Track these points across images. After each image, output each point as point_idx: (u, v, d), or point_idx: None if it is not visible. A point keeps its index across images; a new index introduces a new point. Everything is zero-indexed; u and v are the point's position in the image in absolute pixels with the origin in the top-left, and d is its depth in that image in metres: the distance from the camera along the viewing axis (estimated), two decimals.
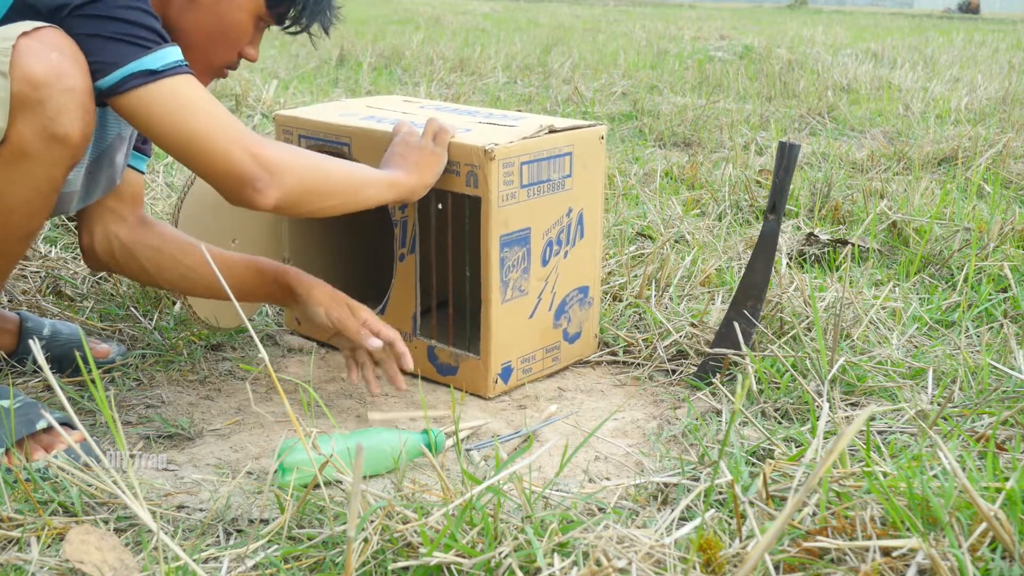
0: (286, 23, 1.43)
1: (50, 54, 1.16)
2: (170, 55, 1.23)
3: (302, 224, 1.78)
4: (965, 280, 2.00)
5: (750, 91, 5.07)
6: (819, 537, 1.00)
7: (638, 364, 1.72)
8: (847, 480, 1.11)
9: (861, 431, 1.31)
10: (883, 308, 1.84)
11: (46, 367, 0.89)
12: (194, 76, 1.26)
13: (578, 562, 0.98)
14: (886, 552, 0.97)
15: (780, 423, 1.43)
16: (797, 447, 1.32)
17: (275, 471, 1.23)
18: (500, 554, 0.98)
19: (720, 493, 1.18)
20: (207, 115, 1.24)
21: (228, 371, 1.66)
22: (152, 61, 1.21)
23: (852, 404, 1.48)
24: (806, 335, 1.67)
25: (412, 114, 1.72)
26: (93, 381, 1.49)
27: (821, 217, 2.58)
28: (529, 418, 1.52)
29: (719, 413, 1.50)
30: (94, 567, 1.01)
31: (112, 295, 1.89)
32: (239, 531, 1.15)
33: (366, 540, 1.03)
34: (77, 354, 1.58)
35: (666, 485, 1.24)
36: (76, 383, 1.55)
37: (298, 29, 1.44)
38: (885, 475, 1.11)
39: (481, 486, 1.04)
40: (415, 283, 1.63)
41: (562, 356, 1.69)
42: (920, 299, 1.96)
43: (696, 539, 1.00)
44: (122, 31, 1.20)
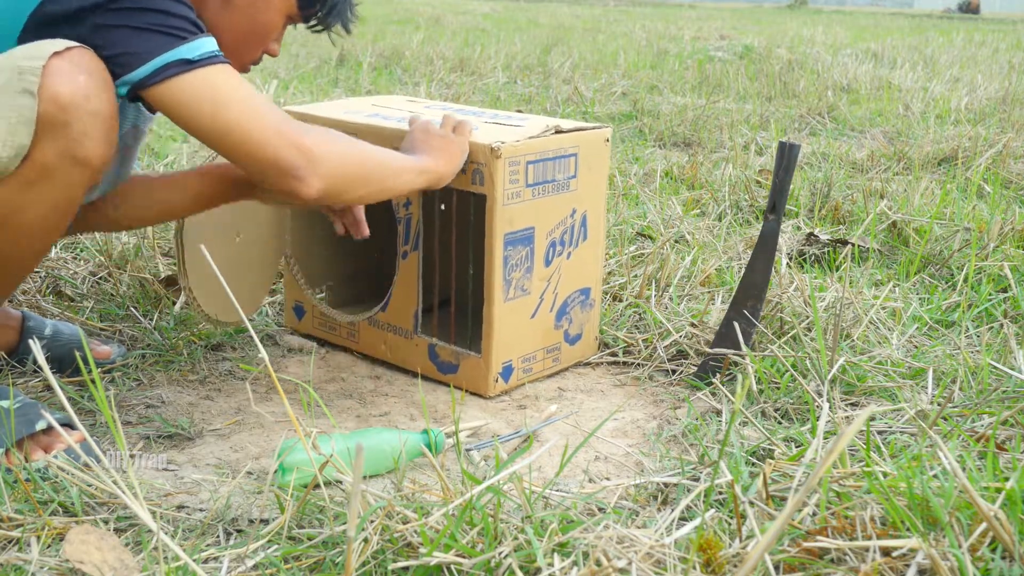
0: (312, 22, 1.44)
1: (79, 76, 1.16)
2: (206, 45, 1.21)
3: (305, 220, 1.78)
4: (965, 280, 2.00)
5: (750, 91, 5.07)
6: (819, 537, 1.00)
7: (638, 364, 1.72)
8: (847, 480, 1.11)
9: (861, 431, 1.31)
10: (883, 308, 1.84)
11: (46, 367, 0.89)
12: (231, 66, 1.24)
13: (578, 562, 0.98)
14: (886, 552, 0.97)
15: (780, 423, 1.43)
16: (797, 447, 1.32)
17: (275, 471, 1.22)
18: (500, 554, 0.98)
19: (720, 493, 1.18)
20: (246, 104, 1.22)
21: (228, 371, 1.66)
22: (188, 51, 1.19)
23: (852, 404, 1.48)
24: (806, 335, 1.67)
25: (418, 113, 1.72)
26: (93, 381, 1.50)
27: (821, 217, 2.58)
28: (529, 418, 1.52)
29: (719, 413, 1.50)
30: (94, 567, 1.01)
31: (112, 295, 1.89)
32: (239, 531, 1.15)
33: (366, 540, 1.03)
34: (77, 354, 1.58)
35: (666, 485, 1.24)
36: (76, 383, 1.55)
37: (321, 28, 1.45)
38: (885, 475, 1.11)
39: (481, 486, 1.04)
40: (417, 280, 1.63)
41: (562, 357, 1.69)
42: (920, 299, 1.96)
43: (696, 539, 1.00)
44: (156, 22, 1.18)
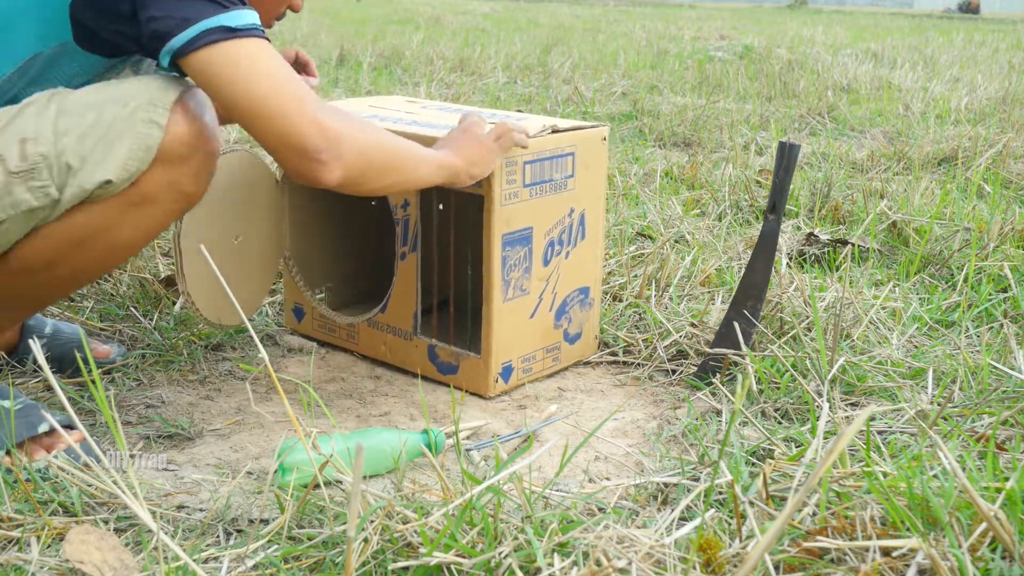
0: None
1: (204, 115, 1.22)
2: (248, 16, 1.20)
3: (304, 221, 1.78)
4: (965, 280, 2.00)
5: (750, 91, 5.07)
6: (819, 537, 1.00)
7: (638, 364, 1.72)
8: (847, 480, 1.11)
9: (861, 431, 1.31)
10: (883, 308, 1.84)
11: (46, 366, 0.89)
12: (270, 43, 1.23)
13: (578, 562, 0.98)
14: (886, 552, 0.97)
15: (780, 423, 1.43)
16: (797, 447, 1.32)
17: (275, 471, 1.22)
18: (500, 554, 0.98)
19: (720, 493, 1.18)
20: (278, 81, 1.20)
21: (228, 371, 1.66)
22: (230, 19, 1.18)
23: (852, 404, 1.48)
24: (806, 335, 1.67)
25: (415, 114, 1.72)
26: (93, 381, 1.49)
27: (821, 217, 2.58)
28: (529, 418, 1.52)
29: (719, 413, 1.50)
30: (94, 567, 1.01)
31: (112, 295, 1.89)
32: (239, 531, 1.15)
33: (366, 540, 1.03)
34: (77, 354, 1.58)
35: (666, 485, 1.24)
36: (76, 383, 1.55)
37: None
38: (885, 475, 1.11)
39: (481, 486, 1.04)
40: (416, 282, 1.63)
41: (562, 357, 1.69)
42: (920, 299, 1.96)
43: (696, 539, 1.00)
44: None
